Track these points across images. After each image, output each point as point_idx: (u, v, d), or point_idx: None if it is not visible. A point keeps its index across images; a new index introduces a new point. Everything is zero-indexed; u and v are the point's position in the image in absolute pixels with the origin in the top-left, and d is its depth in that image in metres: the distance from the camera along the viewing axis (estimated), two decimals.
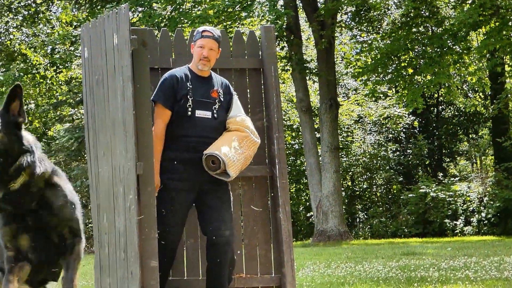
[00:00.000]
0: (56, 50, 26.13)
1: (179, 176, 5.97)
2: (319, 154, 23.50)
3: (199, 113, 6.12)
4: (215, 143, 6.04)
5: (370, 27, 25.88)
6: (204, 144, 6.05)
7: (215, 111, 6.17)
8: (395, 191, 30.33)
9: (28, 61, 28.18)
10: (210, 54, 6.16)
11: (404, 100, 21.87)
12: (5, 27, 27.15)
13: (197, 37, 6.17)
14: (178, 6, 20.67)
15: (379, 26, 26.34)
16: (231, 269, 6.19)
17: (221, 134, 6.18)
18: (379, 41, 23.79)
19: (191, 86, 6.14)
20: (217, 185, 6.13)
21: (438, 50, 20.77)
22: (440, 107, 32.57)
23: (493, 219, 24.21)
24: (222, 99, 6.25)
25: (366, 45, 24.60)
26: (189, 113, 6.10)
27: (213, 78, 6.29)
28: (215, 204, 6.11)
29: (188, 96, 6.10)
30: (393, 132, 31.42)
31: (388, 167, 30.72)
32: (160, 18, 20.29)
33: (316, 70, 23.90)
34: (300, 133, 27.91)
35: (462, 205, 25.22)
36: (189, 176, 6.05)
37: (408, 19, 22.58)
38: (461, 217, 25.04)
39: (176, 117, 6.03)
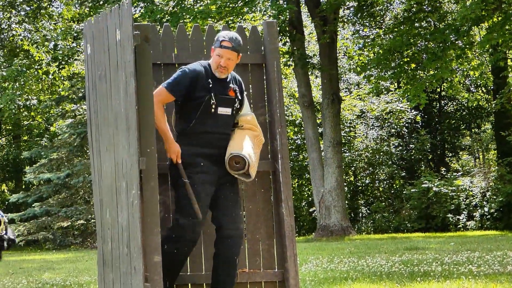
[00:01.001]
0: (59, 46, 26.13)
1: (201, 169, 6.06)
2: (322, 149, 23.49)
3: (221, 110, 6.21)
4: (236, 142, 6.12)
5: (373, 22, 25.85)
6: (223, 140, 6.17)
7: (234, 109, 6.27)
8: (397, 186, 30.33)
9: (30, 57, 28.19)
10: (227, 64, 6.20)
11: (407, 95, 21.86)
12: (8, 22, 27.14)
13: (216, 45, 6.20)
14: (180, 2, 20.65)
15: (382, 21, 26.31)
16: (237, 263, 6.25)
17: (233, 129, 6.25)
18: (382, 36, 23.76)
19: (212, 84, 6.19)
20: (232, 179, 6.24)
21: (440, 45, 20.75)
22: (443, 102, 32.54)
23: (496, 213, 24.21)
24: (239, 96, 6.33)
25: (369, 40, 24.57)
26: (213, 110, 6.16)
27: (229, 76, 6.35)
28: (232, 198, 6.24)
29: (212, 94, 6.16)
30: (395, 127, 31.40)
31: (390, 162, 30.71)
32: (162, 14, 20.27)
33: (319, 65, 23.88)
34: (302, 128, 27.90)
35: (464, 200, 25.21)
36: (209, 169, 6.13)
37: (411, 14, 22.55)
38: (463, 212, 25.03)
39: (200, 114, 6.10)
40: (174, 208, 6.27)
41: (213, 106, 6.17)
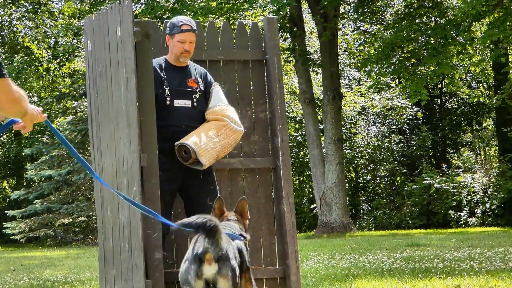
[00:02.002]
0: (59, 42, 26.11)
1: (161, 166, 5.90)
2: (323, 145, 23.48)
3: (178, 102, 6.13)
4: (189, 134, 6.02)
5: (373, 19, 25.83)
6: (184, 133, 6.02)
7: (195, 100, 6.17)
8: (399, 183, 30.32)
9: (31, 54, 28.17)
10: (191, 47, 6.18)
11: (408, 91, 21.82)
12: (8, 19, 27.13)
13: (176, 31, 6.14)
14: None
15: (383, 17, 26.29)
16: None
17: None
18: (383, 31, 23.74)
19: (165, 76, 6.14)
20: (203, 177, 6.13)
21: (441, 40, 20.73)
22: (444, 98, 32.51)
23: (497, 210, 24.20)
24: (202, 88, 6.25)
25: (370, 36, 24.55)
26: (168, 102, 6.09)
27: (191, 67, 6.29)
28: (200, 197, 6.12)
29: (164, 86, 6.10)
30: (396, 123, 31.38)
31: (391, 159, 30.69)
32: (163, 10, 20.25)
33: (319, 61, 23.86)
34: (303, 124, 27.89)
35: (466, 196, 25.20)
36: (171, 166, 6.02)
37: (411, 9, 22.52)
38: (465, 209, 25.03)
39: (156, 108, 5.96)
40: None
41: (168, 99, 6.11)
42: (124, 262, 5.84)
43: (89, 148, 20.53)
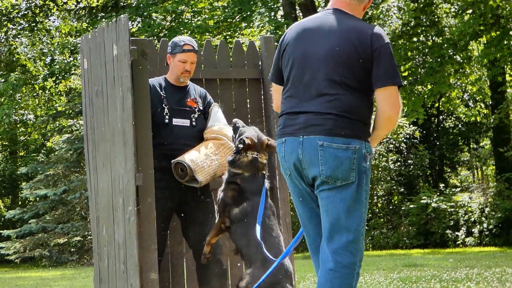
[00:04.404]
0: (56, 60, 26.11)
1: (157, 184, 5.87)
2: None
3: (177, 121, 6.13)
4: (187, 152, 5.98)
5: None
6: (182, 152, 6.01)
7: (193, 119, 6.14)
8: (396, 202, 30.25)
9: (27, 72, 28.16)
10: (192, 68, 6.16)
11: (405, 110, 21.82)
12: (5, 36, 27.14)
13: (177, 50, 6.13)
14: (178, 16, 20.65)
15: None
16: (222, 282, 6.15)
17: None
18: None
19: (165, 95, 6.12)
20: (199, 196, 6.09)
21: (438, 59, 20.75)
22: (441, 117, 32.52)
23: (494, 230, 24.12)
24: (201, 108, 6.23)
25: None
26: (166, 120, 6.08)
27: (191, 87, 6.28)
28: (197, 216, 6.09)
29: (164, 105, 6.08)
30: (393, 142, 31.36)
31: (389, 178, 30.64)
32: (160, 28, 20.27)
33: None
34: None
35: (463, 215, 25.13)
36: (168, 184, 6.00)
37: (409, 28, 22.57)
38: (462, 228, 24.95)
39: (153, 126, 5.93)
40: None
41: (166, 117, 6.08)
42: (120, 282, 5.77)
43: (84, 167, 20.50)
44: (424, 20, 22.59)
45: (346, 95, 4.34)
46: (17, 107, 27.78)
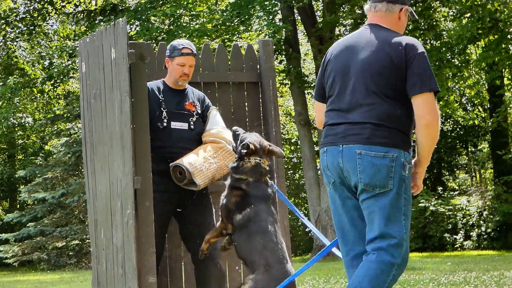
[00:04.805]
0: (54, 63, 26.09)
1: (156, 187, 5.88)
2: (318, 168, 23.43)
3: (175, 125, 6.13)
4: (185, 155, 5.99)
5: None
6: (181, 155, 6.02)
7: (192, 123, 6.15)
8: None
9: (26, 75, 28.14)
10: (190, 71, 6.17)
11: None
12: (3, 40, 27.13)
13: (176, 54, 6.14)
14: (176, 20, 20.65)
15: None
16: (220, 285, 6.15)
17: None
18: None
19: (163, 98, 6.12)
20: (198, 199, 6.10)
21: (436, 63, 20.75)
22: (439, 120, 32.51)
23: (492, 233, 24.11)
24: (199, 111, 6.24)
25: None
26: (164, 124, 6.09)
27: (189, 91, 6.28)
28: (196, 219, 6.09)
29: (162, 108, 6.09)
30: None
31: None
32: (158, 32, 20.26)
33: (315, 84, 23.87)
34: (298, 146, 27.85)
35: (461, 219, 25.12)
36: (166, 187, 6.00)
37: (407, 31, 22.57)
38: (460, 232, 24.94)
39: (152, 129, 5.95)
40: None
41: (165, 121, 6.09)
42: (118, 286, 5.77)
43: (83, 170, 20.49)
44: (422, 23, 22.59)
45: (383, 105, 4.51)
46: (15, 110, 27.75)
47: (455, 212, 25.17)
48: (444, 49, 20.44)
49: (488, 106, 28.61)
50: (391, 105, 4.51)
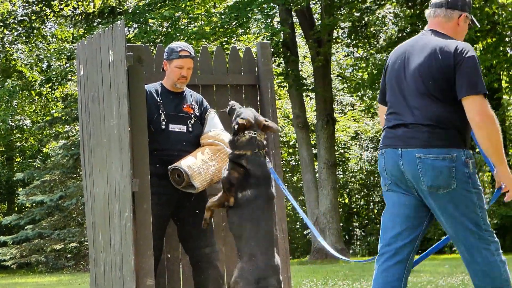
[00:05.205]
0: (52, 66, 26.09)
1: (154, 190, 5.87)
2: (316, 170, 23.43)
3: (173, 127, 6.14)
4: (183, 157, 6.00)
5: (367, 44, 25.91)
6: (179, 158, 6.02)
7: (190, 125, 6.16)
8: None
9: (24, 78, 28.14)
10: (188, 73, 6.17)
11: None
12: (1, 42, 27.14)
13: (174, 56, 6.15)
14: (174, 23, 20.65)
15: (376, 43, 26.38)
16: (218, 286, 6.15)
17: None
18: (376, 56, 23.78)
19: (161, 101, 6.13)
20: (196, 201, 6.10)
21: None
22: None
23: None
24: (197, 114, 6.25)
25: (363, 62, 24.59)
26: (163, 126, 6.09)
27: (187, 93, 6.29)
28: (194, 220, 6.09)
29: (160, 111, 6.10)
30: None
31: None
32: (156, 35, 20.26)
33: (313, 86, 23.88)
34: (296, 149, 27.87)
35: None
36: (164, 190, 6.01)
37: (405, 34, 22.60)
38: None
39: (150, 131, 5.96)
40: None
41: (163, 123, 6.10)
42: None
43: (81, 172, 20.44)
44: (420, 26, 22.61)
45: (437, 107, 4.63)
46: (13, 113, 27.76)
47: None
48: None
49: None
50: (444, 107, 4.63)
